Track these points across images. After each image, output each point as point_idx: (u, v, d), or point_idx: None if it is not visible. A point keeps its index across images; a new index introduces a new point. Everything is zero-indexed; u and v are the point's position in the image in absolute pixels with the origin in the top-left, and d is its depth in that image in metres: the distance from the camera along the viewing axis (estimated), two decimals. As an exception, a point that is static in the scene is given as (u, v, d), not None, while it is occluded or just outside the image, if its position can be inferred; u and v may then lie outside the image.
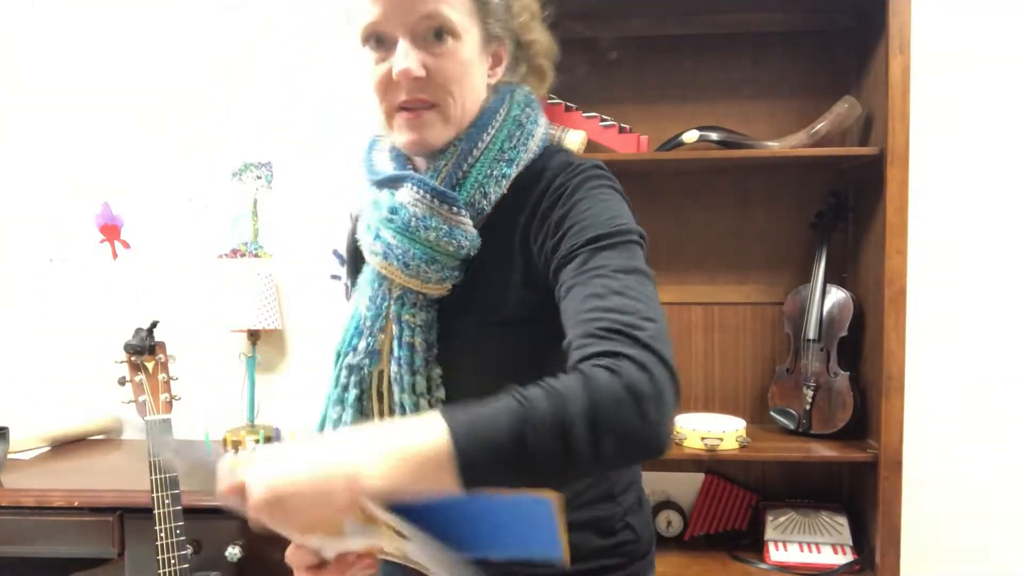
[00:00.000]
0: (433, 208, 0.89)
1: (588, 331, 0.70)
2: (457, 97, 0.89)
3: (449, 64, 0.87)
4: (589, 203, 0.84)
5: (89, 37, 2.17)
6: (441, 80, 0.87)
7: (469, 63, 0.89)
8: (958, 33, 1.93)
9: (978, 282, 1.96)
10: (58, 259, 2.20)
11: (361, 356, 0.94)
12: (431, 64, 0.86)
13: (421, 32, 0.86)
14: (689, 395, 2.01)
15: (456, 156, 0.91)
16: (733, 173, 1.98)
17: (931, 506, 1.98)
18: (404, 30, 0.85)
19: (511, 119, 0.94)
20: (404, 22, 0.85)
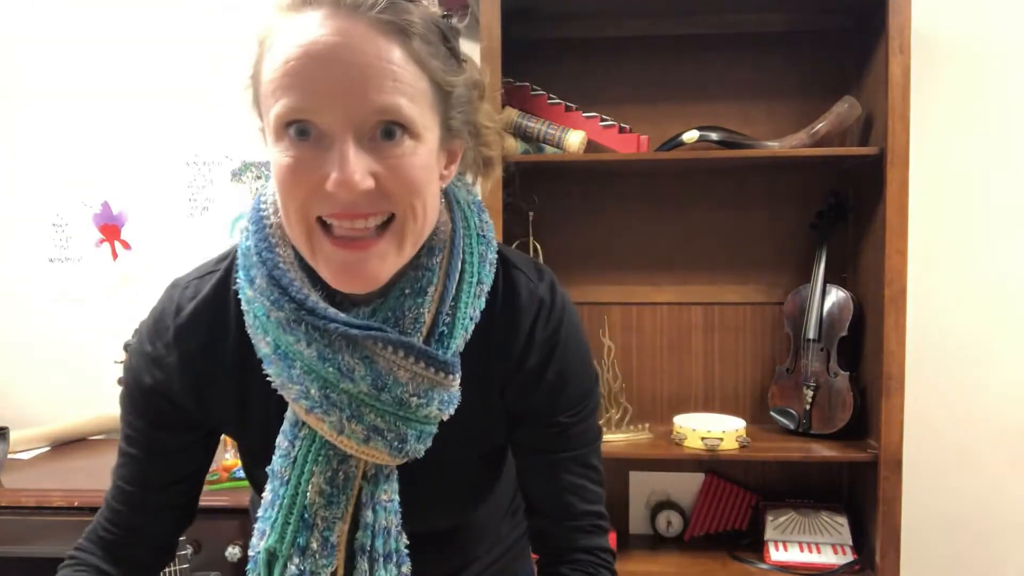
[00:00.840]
0: (433, 380, 0.73)
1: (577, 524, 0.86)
2: (418, 212, 0.69)
3: (406, 171, 0.66)
4: (574, 363, 0.83)
5: (90, 37, 2.17)
6: (396, 193, 0.67)
7: (429, 168, 0.69)
8: (958, 33, 1.93)
9: (978, 282, 1.96)
10: (58, 259, 2.20)
11: (314, 558, 0.74)
12: (381, 172, 0.65)
13: (368, 129, 0.65)
14: (689, 395, 2.01)
15: (437, 299, 0.74)
16: (733, 173, 1.98)
17: (931, 506, 1.98)
18: (345, 125, 0.64)
19: (474, 234, 0.79)
20: (347, 115, 0.64)
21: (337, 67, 0.63)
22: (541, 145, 1.84)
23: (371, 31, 0.64)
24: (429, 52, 0.67)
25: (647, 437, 1.88)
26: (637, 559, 1.87)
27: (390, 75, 0.64)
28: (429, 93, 0.68)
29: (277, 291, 0.72)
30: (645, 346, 2.01)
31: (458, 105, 0.72)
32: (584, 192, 1.99)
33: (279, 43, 0.65)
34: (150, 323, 0.82)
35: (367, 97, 0.63)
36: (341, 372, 0.70)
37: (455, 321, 0.74)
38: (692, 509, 1.99)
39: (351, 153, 0.64)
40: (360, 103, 0.63)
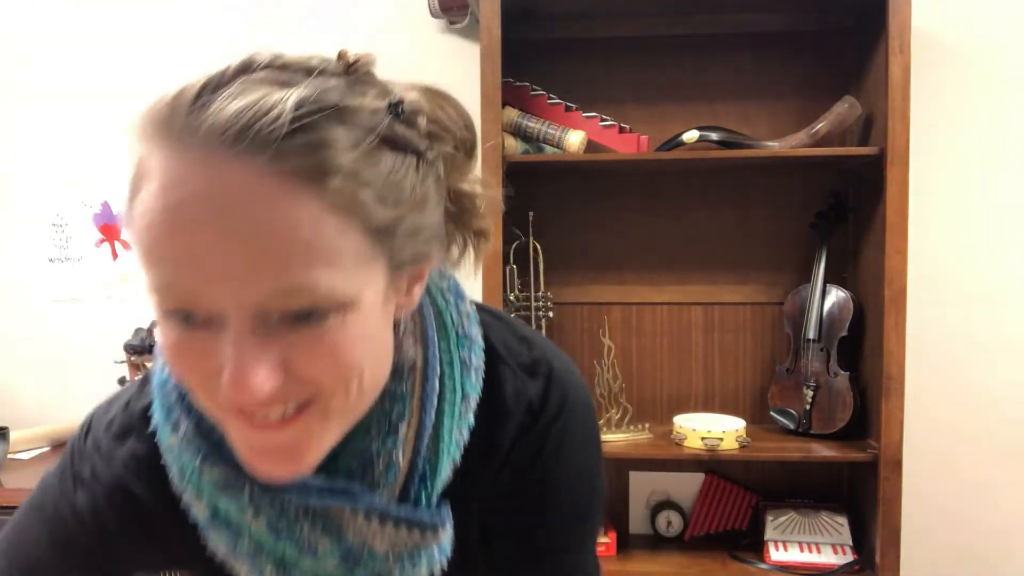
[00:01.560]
0: (419, 542, 0.59)
1: None
2: (352, 388, 0.52)
3: (331, 353, 0.50)
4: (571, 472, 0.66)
5: (90, 37, 2.17)
6: (318, 378, 0.51)
7: (367, 335, 0.52)
8: (958, 33, 1.93)
9: (979, 282, 1.96)
10: (58, 259, 2.20)
11: None
12: (296, 360, 0.49)
13: (274, 311, 0.48)
14: (689, 395, 2.01)
15: (412, 436, 0.59)
16: (733, 173, 1.98)
17: (931, 506, 1.98)
18: (240, 308, 0.47)
19: (452, 336, 0.63)
20: (240, 298, 0.47)
21: (215, 239, 0.45)
22: (541, 145, 1.84)
23: (267, 180, 0.45)
24: (361, 183, 0.48)
25: (647, 437, 1.88)
26: (637, 559, 1.87)
27: (298, 244, 0.46)
28: (361, 242, 0.49)
29: (208, 445, 0.57)
30: (645, 346, 2.01)
31: (414, 229, 0.53)
32: (584, 192, 1.99)
33: (146, 184, 0.48)
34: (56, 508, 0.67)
35: (262, 281, 0.46)
36: (301, 548, 0.56)
37: (438, 456, 0.60)
38: (692, 509, 1.99)
39: (248, 345, 0.47)
40: (253, 288, 0.46)
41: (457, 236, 0.63)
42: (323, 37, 2.11)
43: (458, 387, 0.62)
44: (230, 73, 0.49)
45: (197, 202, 0.45)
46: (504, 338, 0.67)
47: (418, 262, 0.56)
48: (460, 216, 0.62)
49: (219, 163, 0.45)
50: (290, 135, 0.46)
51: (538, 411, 0.65)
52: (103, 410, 0.69)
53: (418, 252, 0.55)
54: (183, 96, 0.48)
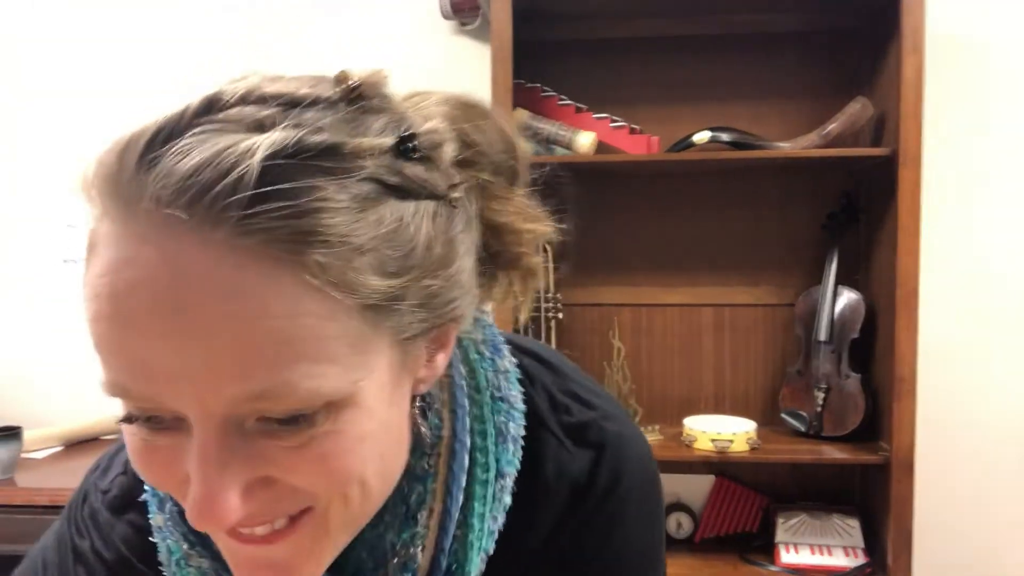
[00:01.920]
0: None
1: None
2: (353, 495, 0.43)
3: (322, 462, 0.40)
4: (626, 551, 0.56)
5: (98, 37, 2.18)
6: (311, 489, 0.42)
7: (370, 435, 0.42)
8: (971, 33, 1.92)
9: (991, 283, 1.94)
10: (72, 259, 2.22)
11: None
12: (279, 471, 0.40)
13: (249, 419, 0.39)
14: (699, 397, 2.01)
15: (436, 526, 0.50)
16: (744, 174, 1.98)
17: (943, 508, 1.97)
18: (206, 415, 0.38)
19: (486, 400, 0.52)
20: (206, 404, 0.38)
21: (167, 339, 0.36)
22: (551, 146, 1.84)
23: (230, 260, 0.36)
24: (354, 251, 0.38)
25: (657, 439, 1.87)
26: (647, 561, 1.87)
27: (268, 340, 0.36)
28: (357, 324, 0.39)
29: (194, 533, 0.50)
30: (655, 348, 2.01)
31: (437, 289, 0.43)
32: (594, 193, 1.99)
33: (94, 259, 0.42)
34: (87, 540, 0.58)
35: (226, 386, 0.37)
36: None
37: (467, 550, 0.49)
38: (702, 511, 1.98)
39: (213, 463, 0.38)
40: (216, 394, 0.37)
41: (500, 277, 0.52)
42: (331, 39, 2.12)
43: (492, 463, 0.50)
44: (189, 115, 0.38)
45: (145, 291, 0.36)
46: (548, 393, 0.56)
47: (439, 327, 0.45)
48: (501, 255, 0.50)
49: (170, 239, 0.36)
50: (259, 199, 0.35)
51: (584, 490, 0.53)
52: (100, 474, 0.60)
53: (439, 317, 0.44)
54: (131, 148, 0.39)
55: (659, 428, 1.90)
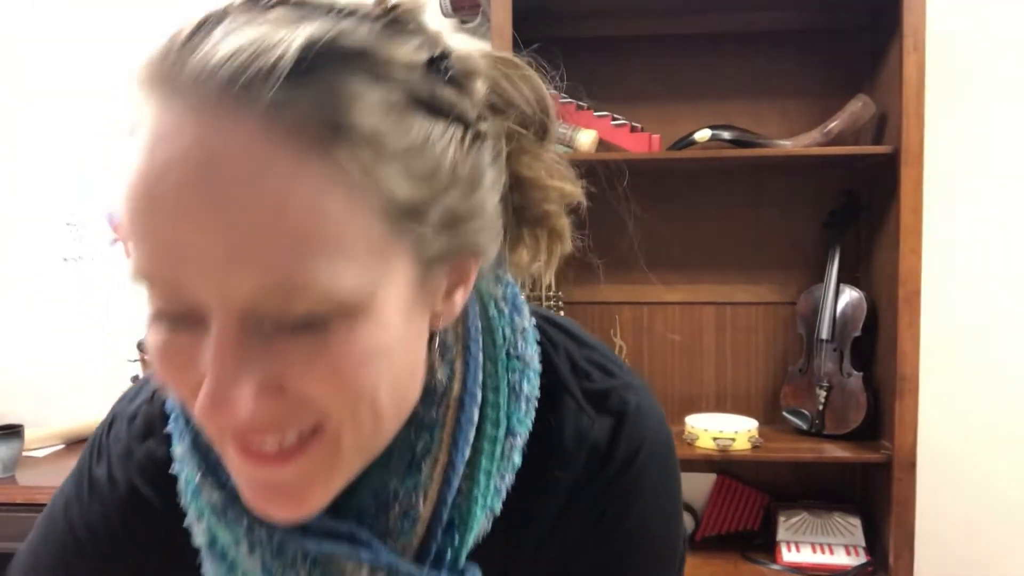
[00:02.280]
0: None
1: None
2: (363, 416, 0.42)
3: (335, 371, 0.40)
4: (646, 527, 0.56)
5: (102, 37, 2.18)
6: (322, 401, 0.41)
7: (383, 349, 0.41)
8: (973, 31, 1.92)
9: (993, 281, 1.94)
10: (72, 258, 2.22)
11: None
12: (294, 376, 0.40)
13: (267, 319, 0.39)
14: (701, 395, 2.01)
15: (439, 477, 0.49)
16: (746, 172, 1.97)
17: (945, 507, 1.96)
18: (226, 306, 0.38)
19: (501, 356, 0.52)
20: (225, 293, 0.38)
21: (195, 219, 0.36)
22: (552, 144, 1.83)
23: (261, 139, 0.36)
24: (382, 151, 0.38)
25: (658, 437, 1.87)
26: (648, 559, 1.87)
27: (290, 229, 0.36)
28: (378, 226, 0.39)
29: (207, 463, 0.50)
30: (656, 346, 2.01)
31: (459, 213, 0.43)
32: (595, 192, 1.98)
33: (134, 143, 0.41)
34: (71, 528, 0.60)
35: (246, 275, 0.37)
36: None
37: (470, 505, 0.49)
38: (703, 509, 1.98)
39: (230, 356, 0.38)
40: (236, 283, 0.37)
41: (525, 236, 0.52)
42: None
43: (502, 420, 0.50)
44: (233, 9, 0.40)
45: (178, 169, 0.37)
46: (571, 359, 0.56)
47: (460, 257, 0.45)
48: (527, 210, 0.51)
49: (208, 116, 0.37)
50: (292, 85, 0.36)
51: (605, 457, 0.53)
52: (129, 399, 0.61)
53: (460, 244, 0.44)
54: (177, 35, 0.40)
55: (660, 426, 1.90)
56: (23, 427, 1.83)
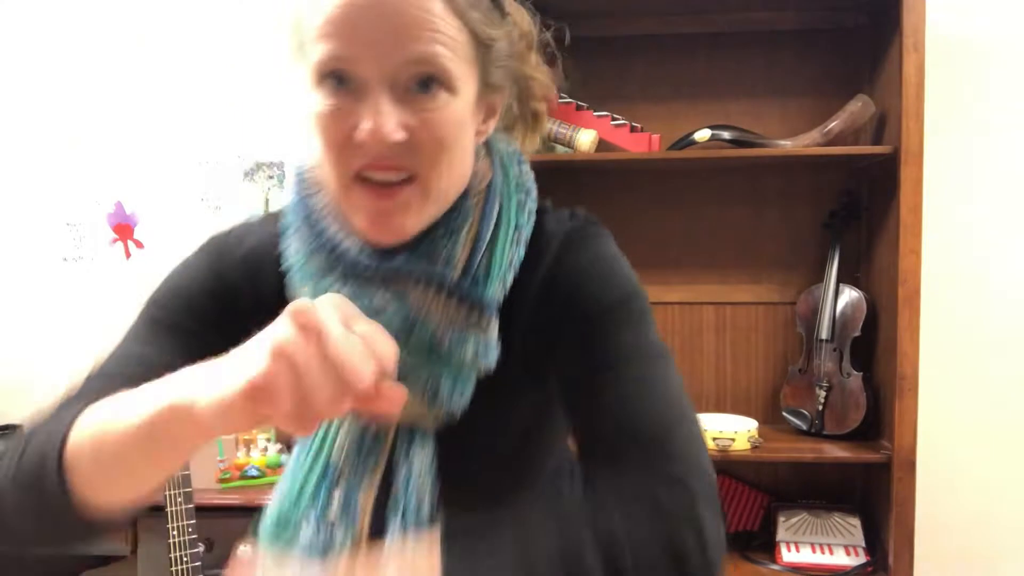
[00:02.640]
0: (466, 321, 0.68)
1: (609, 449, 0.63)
2: (444, 169, 0.66)
3: (438, 126, 0.65)
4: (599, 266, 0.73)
5: (103, 37, 2.18)
6: (426, 147, 0.65)
7: (462, 123, 0.67)
8: (972, 31, 1.92)
9: (993, 281, 1.94)
10: (72, 258, 2.22)
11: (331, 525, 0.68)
12: (414, 124, 0.64)
13: (404, 80, 0.63)
14: (700, 395, 2.01)
15: (470, 240, 0.71)
16: (745, 172, 1.97)
17: (945, 507, 1.96)
18: (381, 74, 0.63)
19: (512, 183, 0.76)
20: (383, 64, 0.63)
21: (377, 17, 0.62)
22: (552, 145, 1.83)
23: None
24: (469, 3, 0.66)
25: (658, 437, 1.87)
26: (648, 559, 1.87)
27: (428, 25, 0.63)
28: (468, 46, 0.66)
29: (313, 239, 0.72)
30: (656, 346, 2.01)
31: (499, 59, 0.70)
32: (595, 191, 1.99)
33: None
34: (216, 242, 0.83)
35: (405, 46, 0.62)
36: (373, 310, 0.66)
37: (491, 264, 0.70)
38: (703, 509, 1.98)
39: (385, 104, 0.63)
40: (398, 52, 0.62)
41: (518, 115, 0.79)
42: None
43: (512, 219, 0.73)
44: None
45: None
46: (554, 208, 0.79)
47: (496, 91, 0.72)
48: (520, 94, 0.77)
49: None
50: None
51: (567, 239, 0.74)
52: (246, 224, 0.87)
53: (498, 80, 0.71)
54: None
55: (660, 427, 1.89)
56: (22, 427, 1.82)
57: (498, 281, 0.70)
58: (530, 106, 0.80)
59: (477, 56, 0.67)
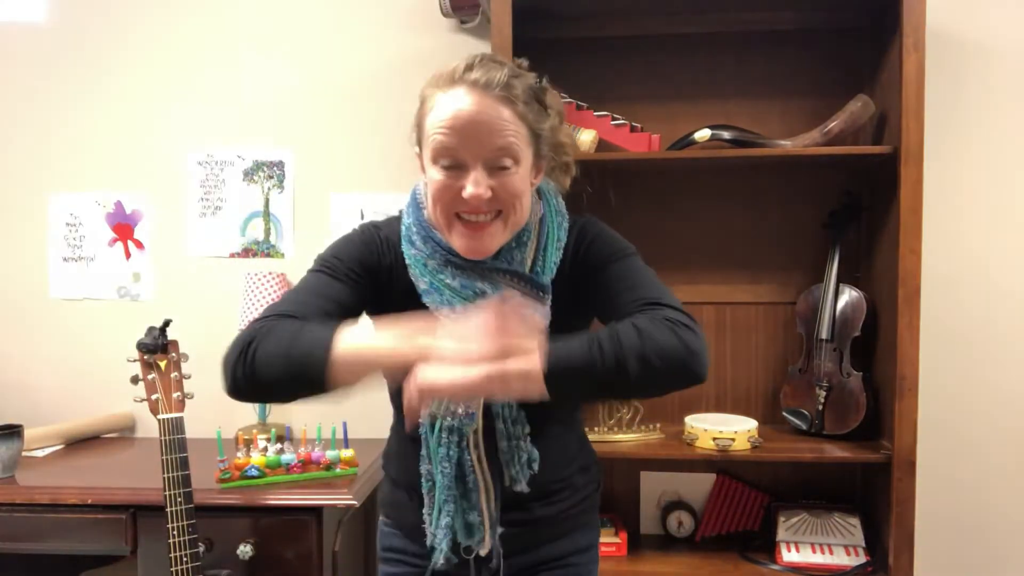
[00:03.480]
0: (535, 297, 1.09)
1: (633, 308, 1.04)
2: (517, 210, 1.07)
3: (511, 185, 1.04)
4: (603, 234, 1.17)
5: (103, 36, 2.18)
6: (504, 198, 1.05)
7: (524, 181, 1.07)
8: (972, 31, 1.92)
9: (993, 281, 1.94)
10: (72, 258, 2.22)
11: (461, 420, 1.10)
12: (496, 186, 1.03)
13: (491, 162, 1.03)
14: (701, 395, 2.01)
15: (532, 250, 1.12)
16: (745, 172, 1.97)
17: (945, 507, 1.97)
18: (478, 160, 1.02)
19: (555, 212, 1.16)
20: (479, 153, 1.02)
21: (475, 124, 1.02)
22: (552, 144, 1.83)
23: (494, 101, 1.03)
24: (527, 110, 1.05)
25: (658, 437, 1.87)
26: (648, 559, 1.87)
27: (505, 128, 1.03)
28: (526, 135, 1.06)
29: (431, 247, 1.11)
30: (656, 346, 2.00)
31: (545, 140, 1.11)
32: (595, 191, 1.98)
33: (439, 106, 1.04)
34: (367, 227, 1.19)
35: (493, 142, 1.02)
36: (476, 293, 1.08)
37: (545, 263, 1.12)
38: (703, 509, 1.98)
39: (480, 177, 1.03)
40: (488, 145, 1.02)
41: (555, 166, 1.20)
42: (337, 35, 2.12)
43: (554, 233, 1.14)
44: (476, 63, 1.05)
45: (468, 110, 1.02)
46: None
47: (543, 158, 1.13)
48: (556, 152, 1.18)
49: (478, 94, 1.03)
50: (505, 86, 1.03)
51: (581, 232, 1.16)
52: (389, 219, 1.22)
53: (544, 152, 1.12)
54: (455, 70, 1.04)
55: (660, 426, 1.90)
56: (23, 427, 1.83)
57: (550, 274, 1.12)
58: (562, 159, 1.21)
59: (532, 140, 1.07)
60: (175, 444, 1.51)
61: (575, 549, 1.23)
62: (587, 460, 1.28)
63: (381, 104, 2.11)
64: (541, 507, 1.18)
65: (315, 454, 1.75)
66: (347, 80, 2.12)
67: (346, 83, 2.12)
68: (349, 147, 2.13)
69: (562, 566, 1.21)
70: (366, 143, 2.12)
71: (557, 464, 1.19)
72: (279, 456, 1.73)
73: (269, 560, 1.62)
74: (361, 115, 2.12)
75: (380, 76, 2.11)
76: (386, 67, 2.11)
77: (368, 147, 2.12)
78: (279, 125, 2.15)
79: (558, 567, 1.21)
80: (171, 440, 1.51)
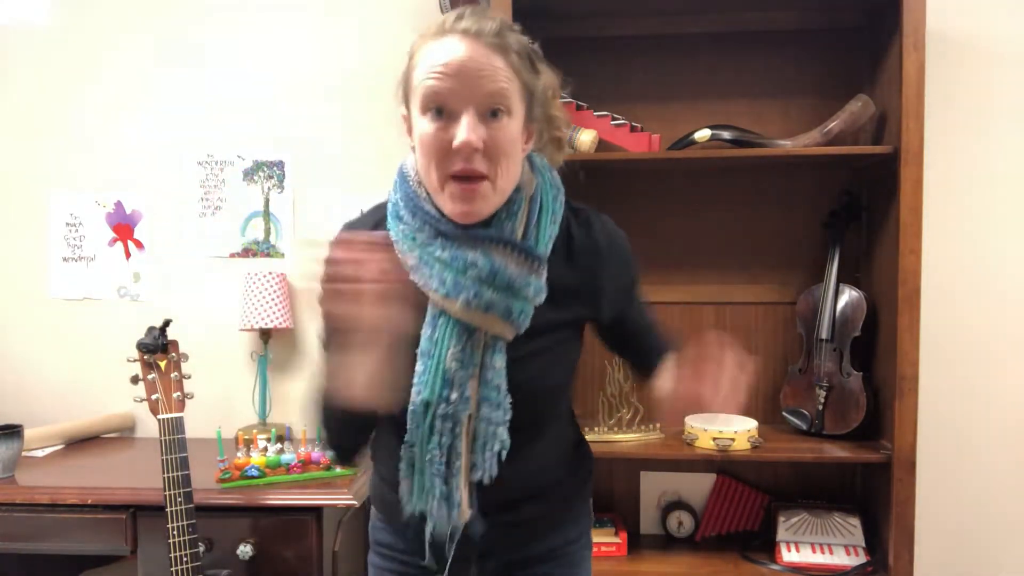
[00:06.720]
0: (529, 268, 1.03)
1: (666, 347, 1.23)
2: (504, 169, 1.00)
3: (502, 139, 0.98)
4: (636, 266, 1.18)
5: (103, 36, 2.18)
6: (494, 153, 0.98)
7: (515, 139, 1.01)
8: (972, 30, 1.92)
9: (993, 281, 1.94)
10: (72, 258, 2.22)
11: (455, 405, 1.04)
12: (487, 138, 0.97)
13: (482, 109, 0.97)
14: (701, 395, 2.00)
15: (523, 220, 1.06)
16: (745, 172, 1.97)
17: (945, 507, 1.97)
18: (469, 105, 0.97)
19: (550, 185, 1.11)
20: (471, 98, 0.97)
21: (466, 68, 0.97)
22: (552, 144, 1.83)
23: (487, 48, 0.98)
24: (520, 63, 1.01)
25: (658, 437, 1.87)
26: (648, 559, 1.87)
27: (496, 74, 0.98)
28: (519, 89, 1.01)
29: (421, 217, 1.05)
30: (656, 346, 2.00)
31: (536, 100, 1.06)
32: (595, 191, 1.98)
33: (428, 56, 0.99)
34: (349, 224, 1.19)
35: (484, 87, 0.97)
36: (467, 264, 1.01)
37: (538, 234, 1.06)
38: (703, 509, 1.98)
39: (473, 125, 0.97)
40: (479, 89, 0.97)
41: (547, 140, 1.14)
42: (336, 31, 2.12)
43: (548, 206, 1.08)
44: (466, 13, 1.00)
45: (460, 56, 0.97)
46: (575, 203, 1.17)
47: (533, 121, 1.07)
48: (548, 126, 1.12)
49: (468, 42, 0.98)
50: (496, 35, 0.99)
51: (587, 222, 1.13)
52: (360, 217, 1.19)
53: (535, 115, 1.07)
54: (446, 19, 1.01)
55: (660, 426, 1.90)
56: (22, 427, 1.83)
57: (544, 245, 1.06)
58: (554, 134, 1.15)
59: (523, 96, 1.02)
60: (175, 444, 1.51)
61: (565, 541, 1.22)
62: (579, 458, 1.25)
63: (381, 104, 2.10)
64: (529, 507, 1.16)
65: (315, 454, 1.75)
66: (347, 80, 2.12)
67: (346, 83, 2.12)
68: (349, 147, 2.13)
69: (553, 557, 1.20)
70: (366, 143, 2.12)
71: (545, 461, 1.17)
72: (279, 456, 1.73)
73: (269, 560, 1.62)
74: (361, 115, 2.12)
75: (380, 76, 2.11)
76: (387, 67, 2.11)
77: (368, 147, 2.12)
78: (279, 125, 2.15)
79: (549, 558, 1.20)
80: (171, 440, 1.51)
